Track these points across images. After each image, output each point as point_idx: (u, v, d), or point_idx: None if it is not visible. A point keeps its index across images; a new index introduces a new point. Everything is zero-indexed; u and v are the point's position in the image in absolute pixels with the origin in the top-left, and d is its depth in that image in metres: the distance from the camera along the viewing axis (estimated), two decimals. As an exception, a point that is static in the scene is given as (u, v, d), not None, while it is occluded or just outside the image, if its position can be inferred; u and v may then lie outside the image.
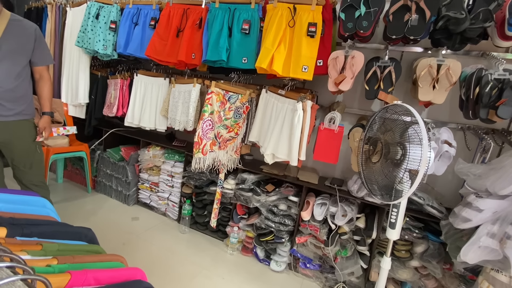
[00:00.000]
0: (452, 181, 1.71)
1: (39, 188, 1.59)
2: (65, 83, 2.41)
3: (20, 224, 0.62)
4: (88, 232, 0.77)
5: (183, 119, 1.97)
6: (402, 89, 1.75)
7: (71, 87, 2.39)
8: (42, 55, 1.51)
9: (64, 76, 2.40)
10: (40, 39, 1.48)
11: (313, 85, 1.91)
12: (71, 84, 2.39)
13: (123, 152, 2.47)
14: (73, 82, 2.37)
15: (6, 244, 0.55)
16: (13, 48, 1.37)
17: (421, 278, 1.61)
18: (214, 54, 1.73)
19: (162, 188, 2.34)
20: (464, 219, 1.24)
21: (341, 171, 2.03)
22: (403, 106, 1.16)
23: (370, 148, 1.30)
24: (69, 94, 2.41)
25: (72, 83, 2.38)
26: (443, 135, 1.46)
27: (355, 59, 1.51)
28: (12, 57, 1.38)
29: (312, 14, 1.51)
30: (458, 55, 1.52)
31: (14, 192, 0.78)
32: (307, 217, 1.75)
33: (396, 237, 1.26)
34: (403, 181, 1.14)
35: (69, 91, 2.41)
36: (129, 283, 0.57)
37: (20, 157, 1.52)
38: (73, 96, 2.38)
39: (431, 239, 1.56)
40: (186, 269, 1.79)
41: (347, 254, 1.70)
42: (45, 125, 1.54)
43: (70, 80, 2.38)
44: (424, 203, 1.55)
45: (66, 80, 2.40)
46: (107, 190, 2.57)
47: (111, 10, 2.12)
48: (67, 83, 2.40)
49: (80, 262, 0.58)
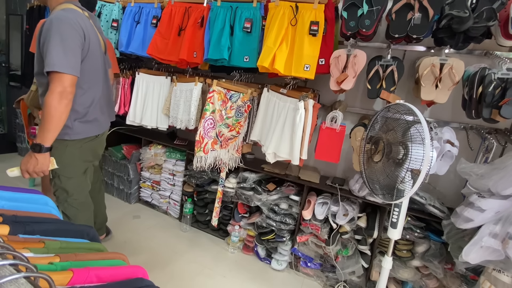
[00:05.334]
0: (454, 181, 1.70)
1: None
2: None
3: (23, 222, 0.63)
4: (90, 230, 0.77)
5: (185, 117, 1.97)
6: (404, 88, 1.74)
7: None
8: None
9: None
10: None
11: (315, 84, 1.91)
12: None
13: (124, 151, 2.48)
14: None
15: (9, 241, 0.55)
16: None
17: (423, 278, 1.60)
18: (216, 53, 1.73)
19: (163, 187, 2.34)
20: (466, 219, 1.23)
21: (342, 170, 2.03)
22: (405, 105, 1.16)
23: (372, 148, 1.30)
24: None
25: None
26: (446, 135, 1.45)
27: (357, 58, 1.50)
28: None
29: (314, 13, 1.50)
30: (461, 54, 1.51)
31: (17, 190, 0.79)
32: (308, 216, 1.75)
33: (398, 236, 1.26)
34: (405, 180, 1.13)
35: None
36: (130, 281, 0.57)
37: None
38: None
39: (433, 239, 1.56)
40: (188, 267, 1.80)
41: (348, 253, 1.70)
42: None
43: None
44: (426, 202, 1.54)
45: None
46: (108, 189, 2.58)
47: (113, 9, 2.12)
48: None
49: (82, 260, 0.58)
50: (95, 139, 1.34)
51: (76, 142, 1.25)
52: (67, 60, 1.07)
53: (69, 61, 1.08)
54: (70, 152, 1.24)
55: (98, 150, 1.41)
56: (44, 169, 1.09)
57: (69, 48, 1.08)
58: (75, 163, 1.29)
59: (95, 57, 1.26)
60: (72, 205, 1.33)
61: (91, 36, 1.21)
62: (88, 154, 1.34)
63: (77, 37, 1.12)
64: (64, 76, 1.06)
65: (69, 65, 1.07)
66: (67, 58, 1.07)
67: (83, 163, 1.33)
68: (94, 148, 1.36)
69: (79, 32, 1.13)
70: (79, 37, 1.13)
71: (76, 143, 1.25)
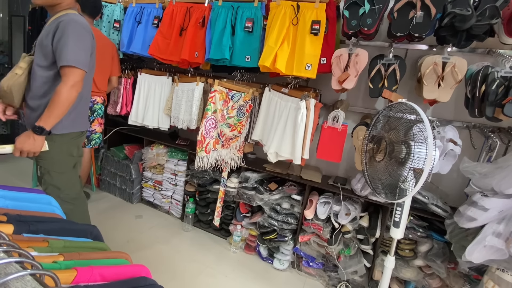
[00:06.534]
0: (457, 180, 1.69)
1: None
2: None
3: (27, 221, 0.63)
4: (93, 229, 0.78)
5: (186, 117, 1.97)
6: (406, 87, 1.74)
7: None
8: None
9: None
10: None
11: (316, 83, 1.90)
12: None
13: (127, 151, 2.49)
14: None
15: (13, 240, 0.55)
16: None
17: (425, 278, 1.60)
18: (217, 53, 1.73)
19: (165, 187, 2.35)
20: (470, 218, 1.23)
21: (344, 169, 2.03)
22: (407, 104, 1.15)
23: (374, 147, 1.30)
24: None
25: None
26: (448, 134, 1.45)
27: (359, 57, 1.49)
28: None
29: (316, 12, 1.50)
30: (464, 52, 1.51)
31: (20, 190, 0.79)
32: (310, 215, 1.75)
33: (400, 236, 1.25)
34: (408, 180, 1.13)
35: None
36: (133, 280, 0.57)
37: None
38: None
39: (436, 238, 1.55)
40: (190, 266, 1.80)
41: (351, 253, 1.69)
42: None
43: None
44: (428, 202, 1.54)
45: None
46: (111, 188, 2.59)
47: (115, 9, 2.13)
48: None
49: (86, 258, 0.59)
50: (80, 135, 1.39)
51: (62, 136, 1.29)
52: (81, 57, 1.19)
53: (83, 58, 1.20)
54: (58, 147, 1.29)
55: (80, 147, 1.45)
56: (37, 150, 1.18)
57: (83, 47, 1.21)
58: (64, 157, 1.34)
59: (92, 62, 1.36)
60: (65, 200, 1.35)
61: (94, 41, 1.33)
62: (75, 149, 1.38)
63: (89, 39, 1.25)
64: (78, 71, 1.17)
65: (82, 62, 1.19)
66: (81, 55, 1.19)
67: (71, 158, 1.38)
68: (79, 145, 1.41)
69: (91, 36, 1.27)
70: (90, 40, 1.26)
71: (62, 137, 1.30)
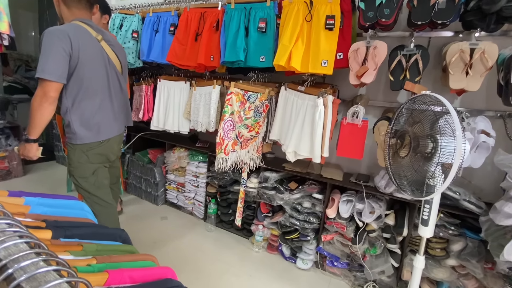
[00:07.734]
0: (492, 174, 1.58)
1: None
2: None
3: (63, 227, 0.68)
4: (122, 233, 0.82)
5: (205, 120, 2.01)
6: (430, 78, 1.65)
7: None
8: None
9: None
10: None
11: (333, 79, 1.86)
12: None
13: (150, 155, 2.59)
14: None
15: (52, 245, 0.60)
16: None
17: (460, 278, 1.51)
18: (232, 55, 1.75)
19: (188, 188, 2.41)
20: (507, 215, 1.14)
21: (367, 166, 1.96)
22: (432, 96, 1.09)
23: (397, 142, 1.24)
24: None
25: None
26: (480, 125, 1.35)
27: (378, 50, 1.44)
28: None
29: (330, 6, 1.46)
30: (494, 36, 1.40)
31: (55, 197, 0.85)
32: (332, 214, 1.72)
33: (430, 234, 1.19)
34: (435, 175, 1.07)
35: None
36: (160, 282, 0.60)
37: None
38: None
39: (470, 236, 1.46)
40: (215, 267, 1.84)
41: (377, 252, 1.64)
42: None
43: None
44: (460, 198, 1.45)
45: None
46: (137, 191, 2.71)
47: (133, 20, 2.22)
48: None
49: (116, 261, 0.62)
50: (100, 144, 1.42)
51: (81, 146, 1.36)
52: (49, 67, 1.16)
53: (51, 69, 1.16)
54: (78, 154, 1.37)
55: (107, 154, 1.48)
56: (31, 155, 1.28)
57: (52, 57, 1.17)
58: (83, 165, 1.40)
59: (93, 67, 1.32)
60: (95, 202, 1.45)
61: (87, 47, 1.27)
62: (95, 157, 1.43)
63: (61, 46, 1.18)
64: (45, 82, 1.16)
65: (51, 72, 1.16)
66: (49, 65, 1.16)
67: (91, 165, 1.42)
68: (101, 152, 1.44)
69: (65, 41, 1.19)
70: (64, 46, 1.19)
71: (82, 147, 1.37)
